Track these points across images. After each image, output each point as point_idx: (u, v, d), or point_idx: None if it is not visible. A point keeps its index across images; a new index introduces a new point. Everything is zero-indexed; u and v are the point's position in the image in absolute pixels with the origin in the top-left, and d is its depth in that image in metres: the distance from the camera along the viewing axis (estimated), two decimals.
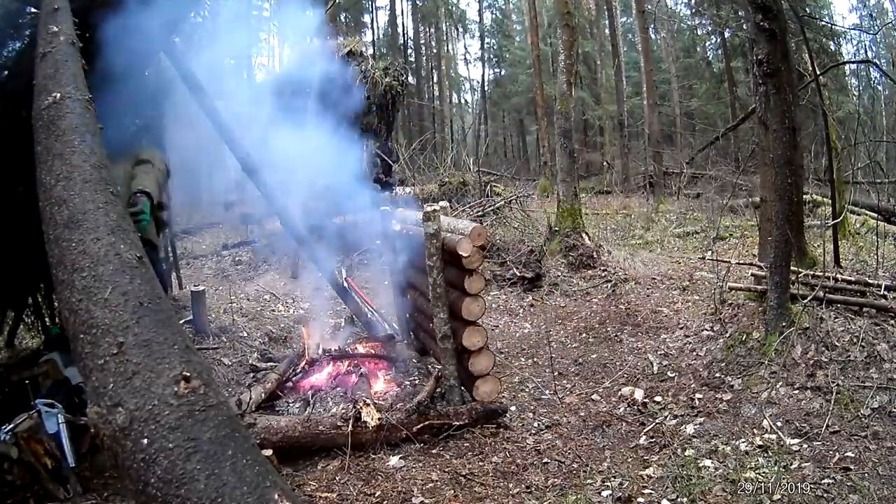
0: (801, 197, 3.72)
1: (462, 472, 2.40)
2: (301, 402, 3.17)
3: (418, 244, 3.24)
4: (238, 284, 6.45)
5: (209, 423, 1.17)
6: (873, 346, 2.71)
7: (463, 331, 2.92)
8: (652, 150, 13.03)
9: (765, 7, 2.97)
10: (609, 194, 12.91)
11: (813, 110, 6.55)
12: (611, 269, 5.73)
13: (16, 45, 2.77)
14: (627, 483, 2.16)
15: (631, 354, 3.76)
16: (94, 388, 1.23)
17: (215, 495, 1.06)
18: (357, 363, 3.62)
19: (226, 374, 3.77)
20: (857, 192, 7.45)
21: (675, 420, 2.70)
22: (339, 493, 2.29)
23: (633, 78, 20.85)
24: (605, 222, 8.77)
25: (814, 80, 4.50)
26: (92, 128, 1.78)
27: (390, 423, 2.65)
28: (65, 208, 1.53)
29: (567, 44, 6.75)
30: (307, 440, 2.60)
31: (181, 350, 1.29)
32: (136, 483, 1.11)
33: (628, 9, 21.58)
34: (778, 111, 2.99)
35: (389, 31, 23.80)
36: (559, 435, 2.75)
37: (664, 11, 16.92)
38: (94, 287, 1.36)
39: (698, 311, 4.17)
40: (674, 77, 19.27)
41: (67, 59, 1.95)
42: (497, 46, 24.99)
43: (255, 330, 4.62)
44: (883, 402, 2.40)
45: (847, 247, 5.05)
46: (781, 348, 2.83)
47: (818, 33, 10.96)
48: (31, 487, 2.18)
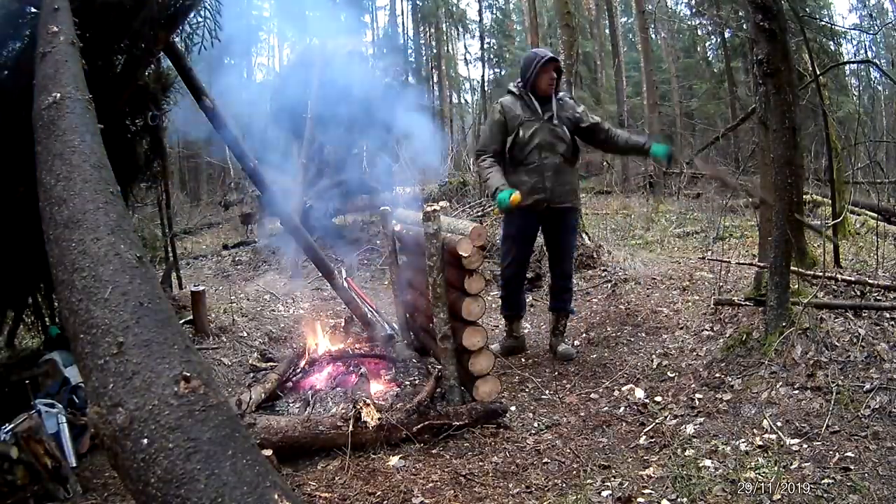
0: (801, 197, 3.72)
1: (462, 472, 2.40)
2: (301, 402, 3.18)
3: (418, 244, 3.24)
4: (238, 284, 6.46)
5: (209, 423, 1.17)
6: (873, 346, 2.71)
7: (463, 331, 2.92)
8: None
9: (765, 7, 2.97)
10: (609, 194, 12.90)
11: (813, 110, 6.54)
12: (611, 269, 5.73)
13: (16, 45, 2.78)
14: (627, 483, 2.16)
15: (631, 354, 3.76)
16: (94, 388, 1.23)
17: (215, 495, 1.06)
18: (357, 363, 3.62)
19: (226, 374, 3.77)
20: (857, 192, 7.45)
21: (675, 420, 2.70)
22: (339, 494, 2.29)
23: (633, 78, 20.86)
24: (605, 222, 8.77)
25: (814, 80, 4.49)
26: (92, 128, 1.78)
27: (390, 423, 2.65)
28: (65, 208, 1.53)
29: (567, 44, 6.75)
30: (307, 440, 2.60)
31: (181, 350, 1.29)
32: (136, 483, 1.11)
33: (628, 9, 21.60)
34: (778, 111, 2.99)
35: (389, 31, 23.81)
36: (559, 435, 2.75)
37: (664, 11, 16.92)
38: (94, 287, 1.36)
39: (698, 311, 4.17)
40: (674, 77, 19.27)
41: (67, 59, 1.95)
42: (497, 46, 24.96)
43: (255, 330, 4.62)
44: (883, 402, 2.40)
45: (847, 247, 5.04)
46: (781, 348, 2.83)
47: (818, 33, 10.96)
48: (31, 487, 2.18)
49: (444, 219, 3.05)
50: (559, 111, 3.64)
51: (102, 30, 2.81)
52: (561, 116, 3.64)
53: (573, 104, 3.76)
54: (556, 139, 3.60)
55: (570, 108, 3.71)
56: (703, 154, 14.04)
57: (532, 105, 3.62)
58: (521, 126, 3.59)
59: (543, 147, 3.57)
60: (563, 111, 3.67)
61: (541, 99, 3.63)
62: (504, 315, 4.06)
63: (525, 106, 3.63)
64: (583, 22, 18.20)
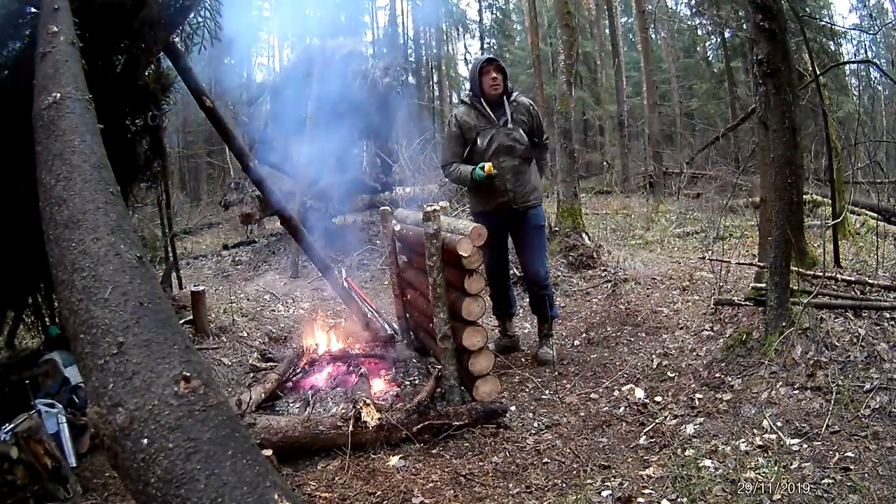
0: (801, 197, 3.71)
1: (462, 472, 2.40)
2: (301, 402, 3.18)
3: (418, 244, 3.24)
4: (238, 284, 6.46)
5: (209, 423, 1.17)
6: (873, 346, 2.71)
7: (463, 331, 2.92)
8: (652, 150, 13.03)
9: (765, 7, 2.97)
10: (609, 194, 12.90)
11: (813, 110, 6.55)
12: (611, 269, 5.73)
13: (16, 45, 2.78)
14: (627, 483, 2.16)
15: (631, 354, 3.76)
16: (94, 388, 1.23)
17: (215, 495, 1.06)
18: (357, 363, 3.62)
19: (226, 374, 3.77)
20: (857, 192, 7.45)
21: (675, 420, 2.70)
22: (339, 494, 2.29)
23: (633, 78, 20.85)
24: (605, 222, 8.77)
25: (814, 80, 4.49)
26: (92, 128, 1.78)
27: (390, 423, 2.65)
28: (65, 208, 1.53)
29: (567, 44, 6.75)
30: (307, 440, 2.60)
31: (181, 350, 1.29)
32: (136, 483, 1.11)
33: (628, 9, 21.59)
34: (778, 111, 2.99)
35: (389, 31, 23.80)
36: (559, 435, 2.75)
37: (664, 11, 16.92)
38: (94, 287, 1.36)
39: (698, 311, 4.17)
40: (674, 77, 19.27)
41: (67, 59, 1.95)
42: (497, 46, 24.97)
43: (255, 330, 4.63)
44: (883, 402, 2.40)
45: (847, 247, 5.04)
46: (781, 348, 2.83)
47: (818, 33, 10.96)
48: (31, 487, 2.18)
49: (444, 219, 3.05)
50: (513, 113, 3.67)
51: (102, 30, 2.81)
52: (515, 119, 3.68)
53: (528, 104, 3.76)
54: (513, 142, 3.64)
55: (524, 108, 3.73)
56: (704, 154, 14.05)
57: (485, 112, 3.66)
58: (479, 135, 3.64)
59: (501, 151, 3.62)
60: (517, 113, 3.70)
61: (492, 104, 3.67)
62: (495, 315, 4.10)
63: (479, 114, 3.67)
64: (583, 22, 18.19)
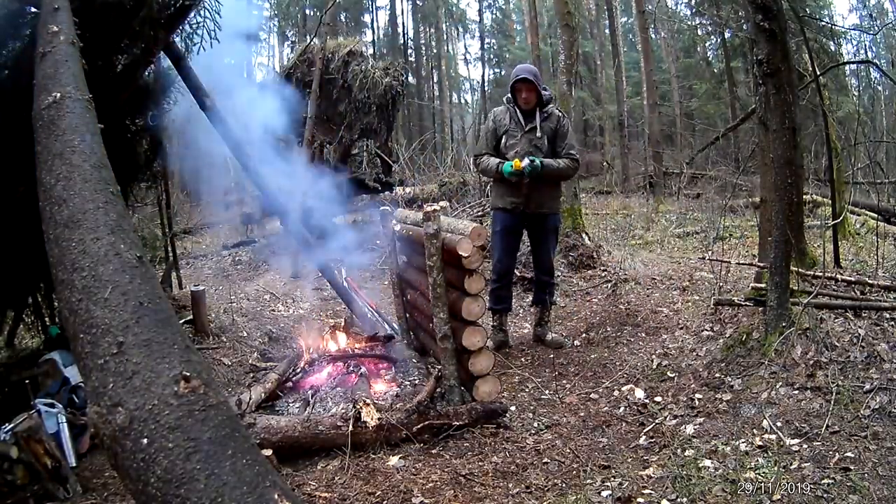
0: (801, 197, 3.71)
1: (462, 472, 2.40)
2: (301, 402, 3.17)
3: (418, 244, 3.24)
4: (238, 284, 6.45)
5: (209, 423, 1.17)
6: (873, 346, 2.71)
7: (463, 331, 2.92)
8: (652, 150, 13.03)
9: (765, 7, 2.97)
10: (609, 194, 12.90)
11: (813, 110, 6.55)
12: (611, 269, 5.73)
13: (16, 45, 2.77)
14: (627, 483, 2.16)
15: (631, 354, 3.76)
16: (94, 388, 1.23)
17: (215, 495, 1.06)
18: (357, 363, 3.62)
19: (226, 374, 3.77)
20: (857, 193, 7.45)
21: (675, 420, 2.70)
22: (338, 493, 2.29)
23: (633, 78, 20.85)
24: (605, 222, 8.77)
25: (814, 80, 4.49)
26: (92, 128, 1.78)
27: (390, 423, 2.65)
28: (65, 208, 1.53)
29: (567, 44, 6.75)
30: (307, 440, 2.60)
31: (181, 350, 1.29)
32: (136, 483, 1.11)
33: (628, 9, 21.59)
34: (778, 111, 2.99)
35: (389, 31, 23.81)
36: (559, 435, 2.75)
37: (664, 11, 16.92)
38: (94, 287, 1.36)
39: (698, 311, 4.17)
40: (674, 77, 19.28)
41: (67, 59, 1.95)
42: (497, 46, 24.98)
43: (255, 330, 4.62)
44: (883, 402, 2.40)
45: (847, 247, 5.05)
46: (781, 348, 2.83)
47: (818, 33, 10.94)
48: (31, 487, 2.18)
49: (443, 219, 3.05)
50: (542, 122, 3.83)
51: (102, 30, 2.81)
52: (544, 127, 3.83)
53: (558, 115, 3.91)
54: (534, 149, 3.80)
55: (554, 119, 3.87)
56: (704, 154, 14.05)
57: (516, 117, 3.87)
58: (505, 135, 3.87)
59: (521, 155, 3.76)
60: (546, 122, 3.85)
61: (525, 112, 3.85)
62: (493, 309, 4.14)
63: (511, 117, 3.89)
64: (583, 22, 18.21)
